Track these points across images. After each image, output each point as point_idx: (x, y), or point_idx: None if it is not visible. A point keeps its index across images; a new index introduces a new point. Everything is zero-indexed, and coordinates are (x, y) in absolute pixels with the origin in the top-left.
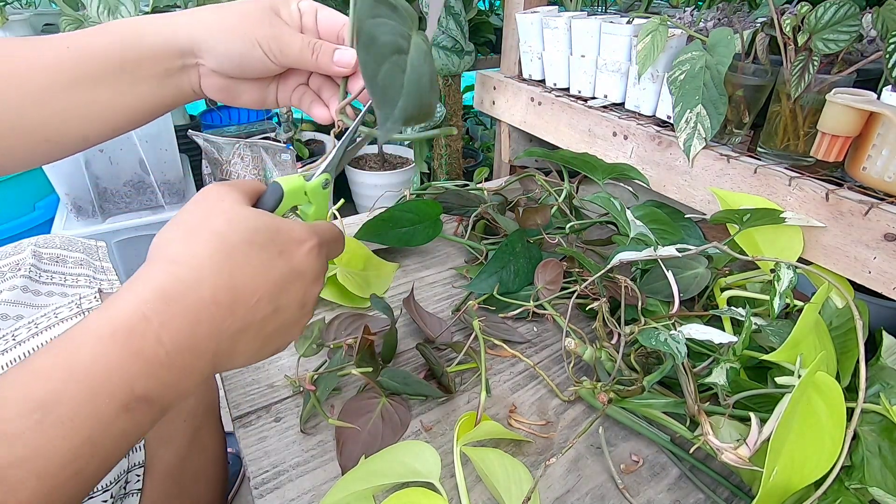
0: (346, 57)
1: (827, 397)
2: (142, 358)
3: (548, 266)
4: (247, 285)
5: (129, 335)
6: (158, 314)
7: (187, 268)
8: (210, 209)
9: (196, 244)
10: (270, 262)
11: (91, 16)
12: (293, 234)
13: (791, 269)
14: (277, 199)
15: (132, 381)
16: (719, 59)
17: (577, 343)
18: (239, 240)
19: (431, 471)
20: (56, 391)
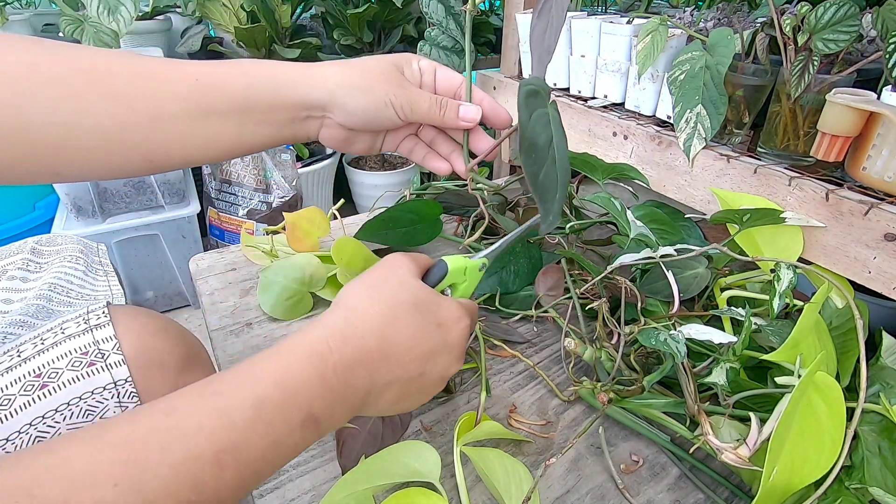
0: (470, 112)
1: (827, 397)
2: (321, 380)
3: (548, 273)
4: (403, 343)
5: (319, 359)
6: (336, 349)
7: (361, 317)
8: (389, 273)
9: (372, 299)
10: (427, 329)
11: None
12: (452, 311)
13: (791, 270)
14: (442, 276)
15: (312, 399)
16: (719, 59)
17: (577, 343)
18: (406, 300)
19: (431, 471)
20: (266, 395)
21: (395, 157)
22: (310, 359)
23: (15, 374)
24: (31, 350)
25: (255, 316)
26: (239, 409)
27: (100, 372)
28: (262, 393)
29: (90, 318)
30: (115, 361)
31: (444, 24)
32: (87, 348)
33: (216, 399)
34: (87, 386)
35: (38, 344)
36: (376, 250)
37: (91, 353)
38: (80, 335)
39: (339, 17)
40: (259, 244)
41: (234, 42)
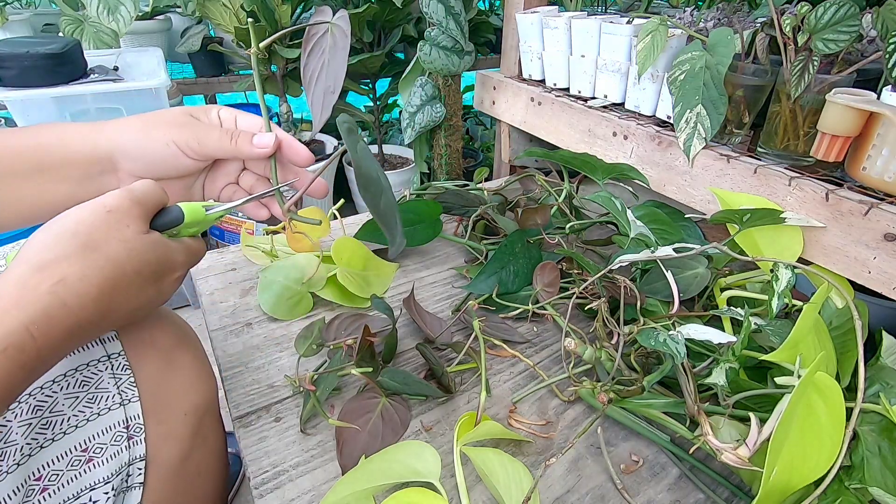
0: (264, 139)
1: (827, 397)
2: (25, 369)
3: (545, 269)
4: (119, 306)
5: (19, 352)
6: (42, 335)
7: (74, 294)
8: (112, 231)
9: (89, 267)
10: (144, 288)
11: (91, 15)
12: (174, 264)
13: (789, 270)
14: (174, 223)
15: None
16: (719, 59)
17: (577, 343)
18: (130, 269)
19: (431, 471)
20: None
21: (396, 158)
22: (5, 353)
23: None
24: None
25: (255, 316)
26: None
27: (93, 346)
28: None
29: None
30: (108, 337)
31: (444, 24)
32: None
33: None
34: (82, 359)
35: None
36: (376, 250)
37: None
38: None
39: None
40: (259, 244)
41: (235, 42)
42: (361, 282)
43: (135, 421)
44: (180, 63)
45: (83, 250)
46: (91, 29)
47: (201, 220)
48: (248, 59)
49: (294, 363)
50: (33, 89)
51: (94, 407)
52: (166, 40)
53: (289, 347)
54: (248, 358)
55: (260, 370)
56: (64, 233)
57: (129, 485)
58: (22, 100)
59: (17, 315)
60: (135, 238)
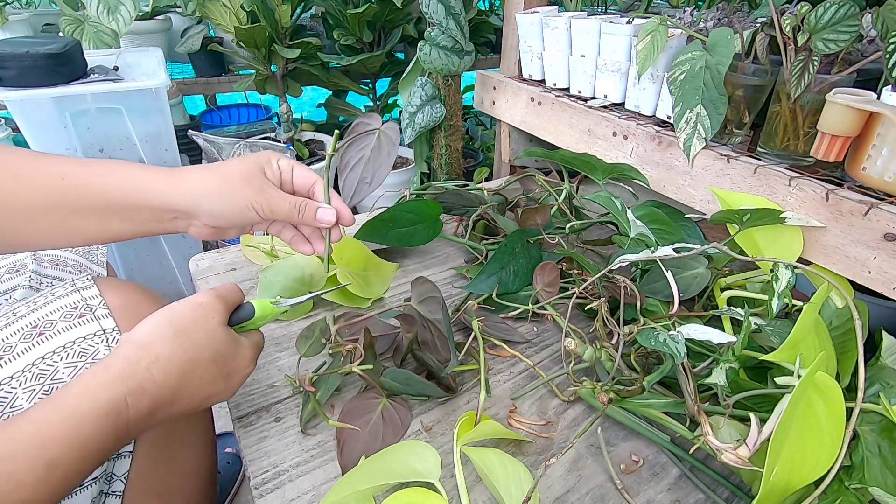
0: (327, 215)
1: (827, 397)
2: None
3: (545, 269)
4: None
5: (116, 416)
6: (133, 405)
7: (162, 369)
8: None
9: (177, 348)
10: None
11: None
12: (242, 362)
13: (789, 270)
14: (247, 319)
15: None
16: (719, 59)
17: (577, 343)
18: (208, 357)
19: (431, 471)
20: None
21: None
22: (108, 417)
23: (14, 328)
24: (26, 310)
25: None
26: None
27: (89, 322)
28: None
29: (76, 282)
30: (102, 314)
31: (444, 24)
32: (76, 304)
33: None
34: (79, 333)
35: (32, 304)
36: (376, 250)
37: (80, 307)
38: (69, 295)
39: (339, 17)
40: (259, 244)
41: (235, 42)
42: (361, 282)
43: None
44: (180, 63)
45: (175, 334)
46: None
47: (269, 314)
48: (247, 58)
49: (294, 363)
50: (33, 89)
51: None
52: (166, 40)
53: (289, 347)
54: None
55: (260, 370)
56: (162, 320)
57: (120, 453)
58: (22, 100)
59: (120, 386)
60: (216, 329)
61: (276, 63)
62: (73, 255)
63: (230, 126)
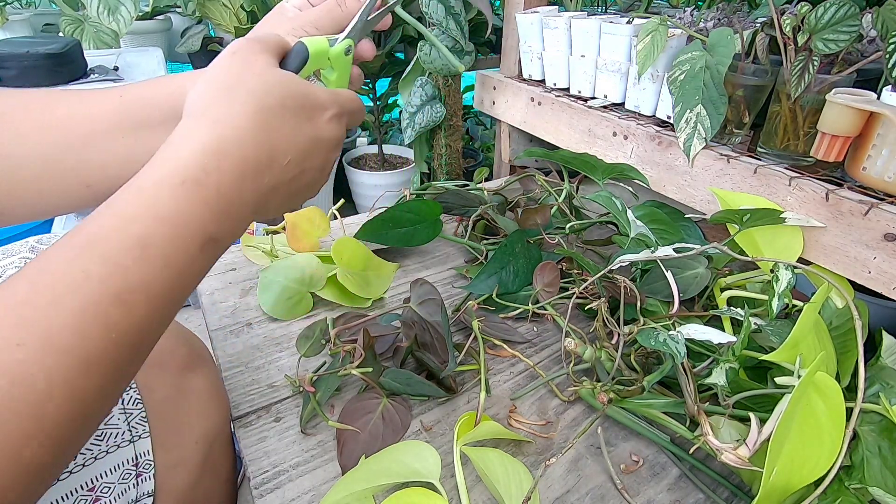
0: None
1: (826, 397)
2: (208, 206)
3: (545, 268)
4: (280, 146)
5: (196, 186)
6: (215, 169)
7: (230, 128)
8: (244, 68)
9: (235, 104)
10: (299, 126)
11: (91, 16)
12: (319, 100)
13: (789, 270)
14: (302, 61)
15: (205, 224)
16: (719, 59)
17: (577, 343)
18: (274, 102)
19: (431, 471)
20: (149, 232)
21: (395, 158)
22: (184, 186)
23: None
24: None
25: (255, 316)
26: (124, 251)
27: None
28: (143, 231)
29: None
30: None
31: (444, 24)
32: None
33: (95, 247)
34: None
35: None
36: (376, 250)
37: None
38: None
39: None
40: (259, 244)
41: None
42: (361, 282)
43: (144, 457)
44: (180, 63)
45: (224, 91)
46: (91, 29)
47: (323, 52)
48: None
49: (294, 363)
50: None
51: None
52: (166, 40)
53: (289, 347)
54: (248, 358)
55: (260, 370)
56: (206, 84)
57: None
58: None
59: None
60: (265, 70)
61: None
62: None
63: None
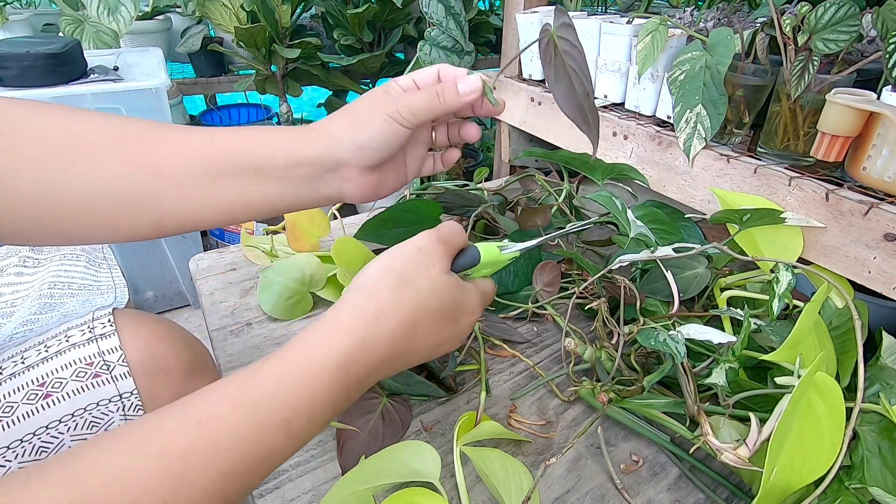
0: (469, 83)
1: (826, 397)
2: (347, 389)
3: (545, 268)
4: (419, 341)
5: (346, 374)
6: (362, 362)
7: (387, 319)
8: (421, 265)
9: (401, 298)
10: (443, 326)
11: (91, 16)
12: (469, 307)
13: (789, 271)
14: (472, 265)
15: (337, 404)
16: (719, 59)
17: (577, 343)
18: (433, 307)
19: (431, 471)
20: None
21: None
22: (338, 372)
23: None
24: (35, 357)
25: (255, 316)
26: (272, 427)
27: (105, 384)
28: (292, 415)
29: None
30: (120, 374)
31: (444, 24)
32: (92, 359)
33: (251, 412)
34: (91, 397)
35: (43, 351)
36: (376, 250)
37: (96, 365)
38: (85, 344)
39: (339, 17)
40: (259, 244)
41: (235, 42)
42: None
43: None
44: (180, 63)
45: (398, 283)
46: (91, 29)
47: (495, 261)
48: (248, 58)
49: None
50: (33, 89)
51: None
52: (166, 40)
53: None
54: (248, 358)
55: None
56: (384, 267)
57: None
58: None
59: (349, 339)
60: (439, 276)
61: (276, 63)
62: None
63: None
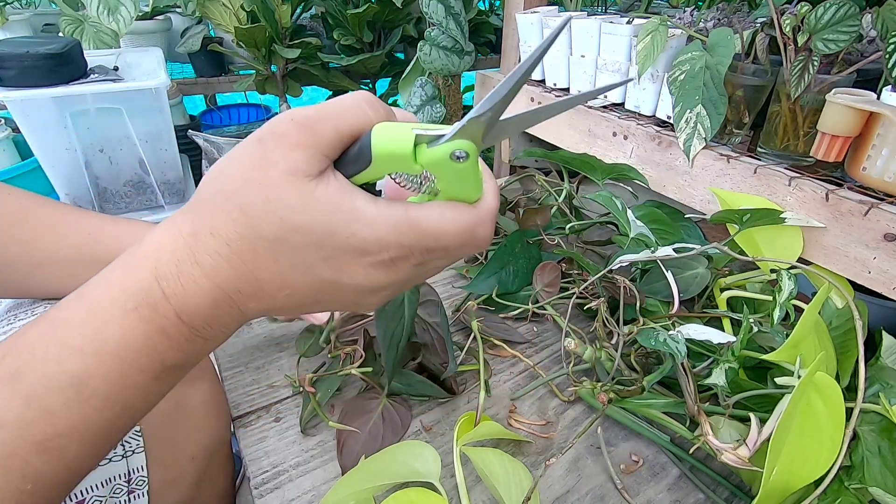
0: None
1: (826, 397)
2: (166, 335)
3: (546, 268)
4: (273, 281)
5: (152, 311)
6: (175, 295)
7: (205, 252)
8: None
9: (222, 219)
10: (305, 265)
11: (91, 16)
12: (349, 241)
13: (792, 280)
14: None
15: (162, 354)
16: (719, 59)
17: (577, 343)
18: (269, 233)
19: (431, 471)
20: (89, 368)
21: None
22: (137, 312)
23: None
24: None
25: None
26: (54, 393)
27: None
28: (78, 369)
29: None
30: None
31: (444, 24)
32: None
33: (20, 382)
34: None
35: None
36: None
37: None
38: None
39: (339, 17)
40: None
41: (235, 42)
42: None
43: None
44: (180, 63)
45: (219, 195)
46: (91, 29)
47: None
48: (248, 58)
49: (294, 363)
50: (33, 89)
51: None
52: (166, 40)
53: (289, 347)
54: (248, 358)
55: (260, 370)
56: (212, 172)
57: None
58: (22, 100)
59: (149, 266)
60: (279, 184)
61: (276, 63)
62: None
63: (230, 126)
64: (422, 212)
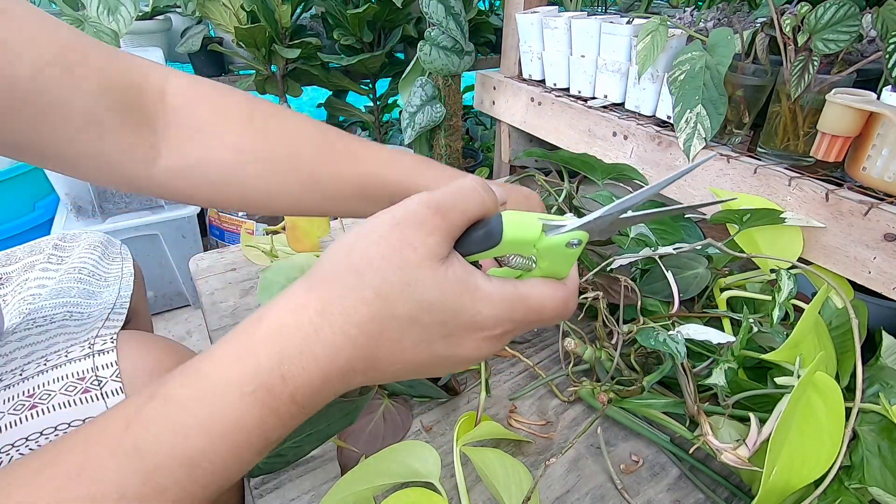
0: None
1: (826, 397)
2: (277, 415)
3: None
4: (389, 358)
5: (268, 394)
6: (294, 377)
7: (330, 330)
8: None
9: (354, 299)
10: (427, 342)
11: (91, 16)
12: (474, 319)
13: (792, 280)
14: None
15: (269, 433)
16: (719, 59)
17: (577, 343)
18: (403, 313)
19: (431, 471)
20: (203, 448)
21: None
22: (255, 395)
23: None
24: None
25: None
26: (166, 474)
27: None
28: (191, 449)
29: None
30: (112, 389)
31: (444, 24)
32: (84, 374)
33: (139, 462)
34: (78, 413)
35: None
36: None
37: (87, 380)
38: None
39: (339, 17)
40: (259, 244)
41: (235, 42)
42: None
43: None
44: (180, 63)
45: (349, 274)
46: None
47: (528, 240)
48: (248, 58)
49: None
50: None
51: None
52: (166, 40)
53: None
54: None
55: None
56: (342, 249)
57: None
58: None
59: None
60: (418, 267)
61: (276, 63)
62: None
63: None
64: (528, 288)
